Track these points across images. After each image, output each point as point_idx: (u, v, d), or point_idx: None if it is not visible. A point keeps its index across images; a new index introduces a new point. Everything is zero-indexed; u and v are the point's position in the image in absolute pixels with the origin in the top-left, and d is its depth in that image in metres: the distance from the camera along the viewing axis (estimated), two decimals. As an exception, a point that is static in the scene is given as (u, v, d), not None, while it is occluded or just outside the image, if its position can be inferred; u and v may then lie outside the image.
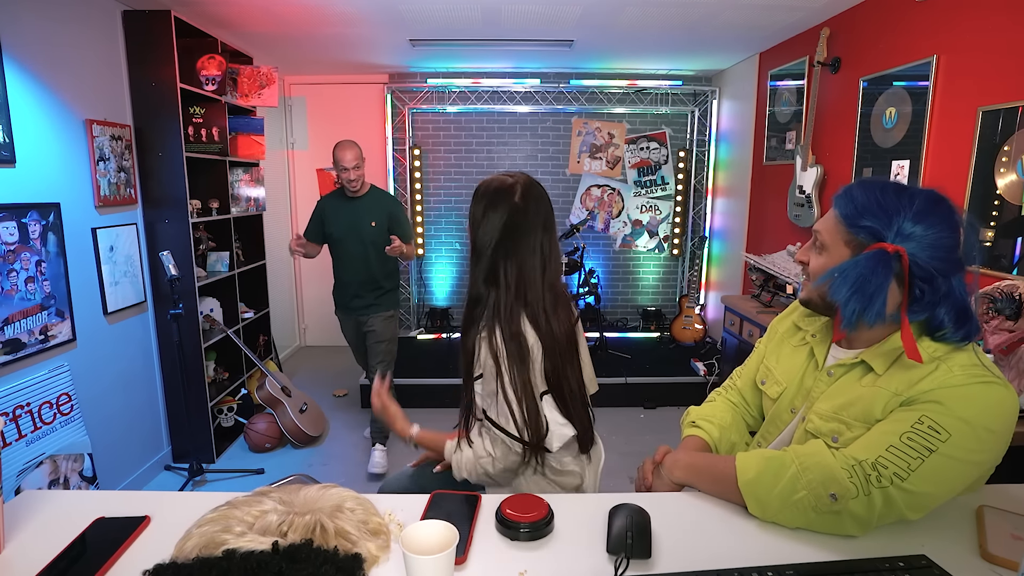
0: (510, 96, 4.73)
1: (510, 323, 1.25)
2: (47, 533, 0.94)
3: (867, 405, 0.94)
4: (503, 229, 1.26)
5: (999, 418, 0.85)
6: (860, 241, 0.94)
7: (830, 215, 1.00)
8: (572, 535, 0.93)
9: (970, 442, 0.84)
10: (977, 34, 2.15)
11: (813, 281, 1.02)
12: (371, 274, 3.01)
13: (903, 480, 0.83)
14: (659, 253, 5.06)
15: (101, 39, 2.62)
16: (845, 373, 1.01)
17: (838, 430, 0.97)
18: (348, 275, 3.04)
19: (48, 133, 2.30)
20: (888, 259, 0.90)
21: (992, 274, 2.04)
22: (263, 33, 3.41)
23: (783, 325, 1.23)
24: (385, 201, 3.04)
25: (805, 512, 0.88)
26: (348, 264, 3.03)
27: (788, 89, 3.54)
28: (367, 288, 3.03)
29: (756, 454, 0.97)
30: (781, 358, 1.17)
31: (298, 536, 0.84)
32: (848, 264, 0.93)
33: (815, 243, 1.03)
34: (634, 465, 1.15)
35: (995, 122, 2.04)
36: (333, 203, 3.02)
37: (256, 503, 0.91)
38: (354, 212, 2.96)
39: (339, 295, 3.13)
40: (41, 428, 2.15)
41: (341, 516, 0.89)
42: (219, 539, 0.83)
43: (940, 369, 0.89)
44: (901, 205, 0.91)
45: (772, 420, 1.15)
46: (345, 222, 2.97)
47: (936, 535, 0.92)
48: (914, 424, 0.86)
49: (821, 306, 1.05)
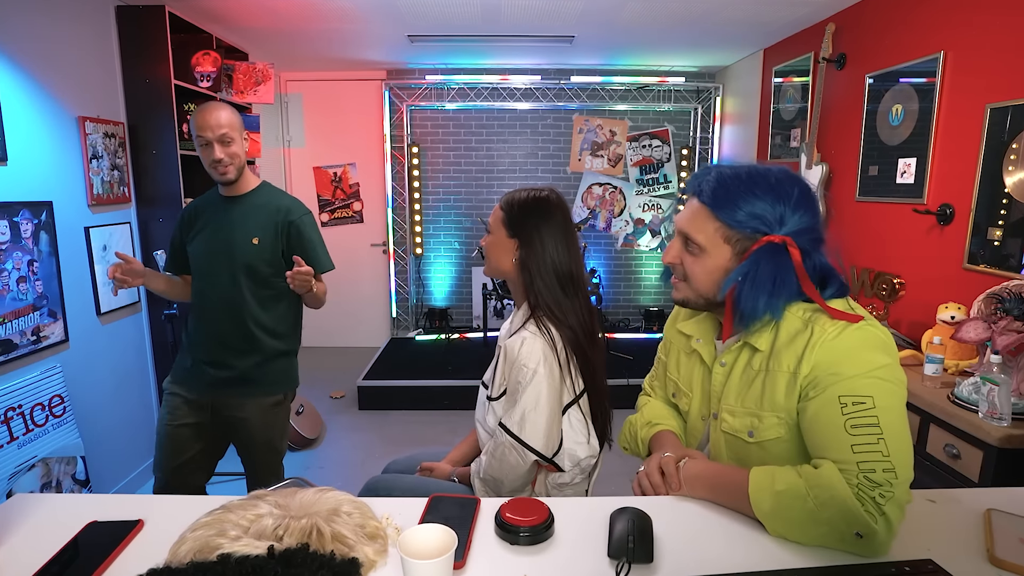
0: (510, 93, 4.73)
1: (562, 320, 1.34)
2: (39, 537, 0.94)
3: (770, 391, 0.96)
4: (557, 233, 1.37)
5: (880, 350, 0.91)
6: (742, 236, 0.97)
7: (698, 213, 1.00)
8: (573, 539, 0.93)
9: (882, 386, 0.88)
10: (985, 30, 2.15)
11: (700, 284, 1.02)
12: (242, 323, 1.83)
13: (895, 475, 0.84)
14: (661, 252, 5.05)
15: (94, 34, 2.62)
16: (735, 359, 1.03)
17: (751, 424, 0.99)
18: (204, 323, 1.86)
19: (40, 130, 2.30)
20: (782, 250, 0.94)
21: (1000, 274, 2.04)
22: (259, 28, 3.41)
23: (671, 332, 1.23)
24: (280, 207, 1.85)
25: (831, 543, 0.88)
26: (205, 304, 1.85)
27: (793, 86, 3.54)
28: (235, 348, 1.84)
29: (767, 481, 0.92)
30: (680, 367, 1.18)
31: (294, 540, 0.84)
32: (749, 266, 0.95)
33: (687, 245, 1.03)
34: (636, 468, 1.15)
35: (1003, 119, 2.04)
36: (199, 207, 1.90)
37: (251, 507, 0.91)
38: (225, 220, 1.82)
39: (183, 356, 1.91)
40: (33, 430, 2.15)
41: (338, 520, 0.89)
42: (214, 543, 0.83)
43: (815, 331, 0.93)
44: (779, 197, 0.95)
45: (690, 431, 1.16)
46: (208, 235, 1.83)
47: (943, 539, 0.92)
48: (842, 409, 0.88)
49: (701, 304, 1.06)
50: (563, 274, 1.36)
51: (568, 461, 1.35)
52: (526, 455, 1.29)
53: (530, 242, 1.35)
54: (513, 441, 1.29)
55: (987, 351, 1.75)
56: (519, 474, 1.32)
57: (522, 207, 1.38)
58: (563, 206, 1.40)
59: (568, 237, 1.38)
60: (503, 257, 1.40)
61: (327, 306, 2.11)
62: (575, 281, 1.38)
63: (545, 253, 1.35)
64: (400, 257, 5.02)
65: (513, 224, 1.38)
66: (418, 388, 3.81)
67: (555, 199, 1.40)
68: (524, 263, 1.36)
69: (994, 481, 1.58)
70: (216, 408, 1.87)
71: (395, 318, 5.06)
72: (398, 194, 4.90)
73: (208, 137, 1.71)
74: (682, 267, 1.04)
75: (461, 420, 1.72)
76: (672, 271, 1.08)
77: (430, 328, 4.95)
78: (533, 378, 1.28)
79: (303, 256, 1.76)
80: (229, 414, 1.87)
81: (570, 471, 1.35)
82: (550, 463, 1.33)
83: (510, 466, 1.30)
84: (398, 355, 4.43)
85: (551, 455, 1.31)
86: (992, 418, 1.61)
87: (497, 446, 1.32)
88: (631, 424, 1.25)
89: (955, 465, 1.72)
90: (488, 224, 1.44)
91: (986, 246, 2.12)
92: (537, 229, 1.36)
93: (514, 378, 1.31)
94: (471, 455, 1.58)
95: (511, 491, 1.35)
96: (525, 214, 1.37)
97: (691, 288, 1.04)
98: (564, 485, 1.38)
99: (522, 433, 1.28)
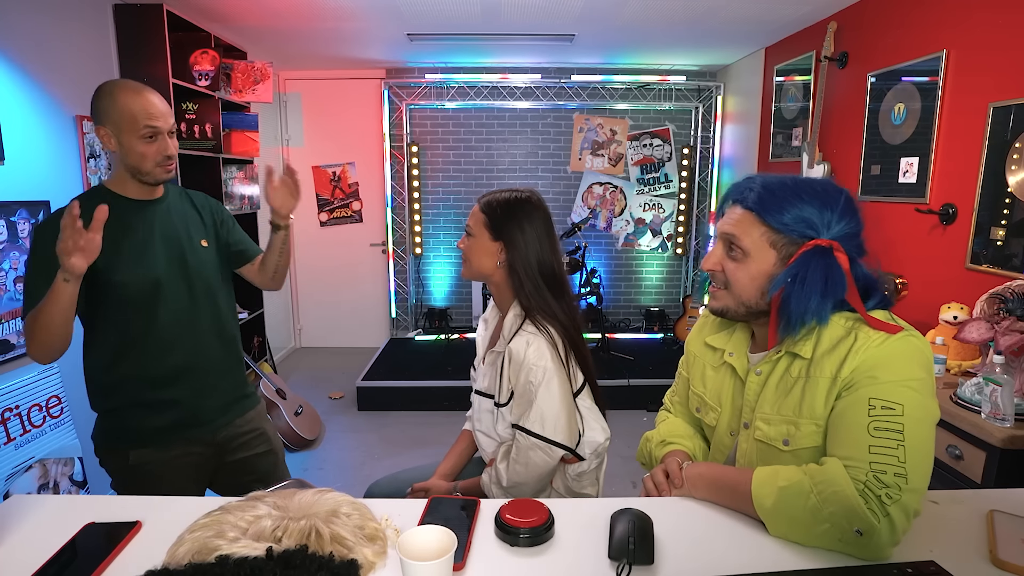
0: (510, 92, 4.73)
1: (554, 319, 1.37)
2: (36, 539, 0.94)
3: (809, 398, 0.96)
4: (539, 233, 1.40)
5: (920, 364, 0.91)
6: (788, 241, 0.97)
7: (743, 218, 1.00)
8: (573, 541, 0.93)
9: (916, 397, 0.88)
10: (988, 28, 2.15)
11: (742, 289, 1.01)
12: (223, 338, 1.59)
13: (906, 480, 0.84)
14: (662, 252, 5.06)
15: (91, 33, 2.62)
16: (772, 368, 1.02)
17: (787, 432, 0.98)
18: (175, 354, 1.49)
19: (37, 129, 2.30)
20: (830, 254, 0.94)
21: (1003, 274, 2.04)
22: (257, 27, 3.41)
23: (695, 346, 1.21)
24: (205, 204, 1.63)
25: (832, 542, 0.88)
26: (171, 331, 1.48)
27: (795, 85, 3.54)
28: (222, 367, 1.59)
29: (770, 478, 0.94)
30: (707, 382, 1.16)
31: (293, 542, 0.84)
32: (799, 267, 0.94)
33: (729, 250, 1.02)
34: (636, 470, 1.15)
35: (1006, 118, 2.04)
36: (110, 216, 1.30)
37: (250, 508, 0.91)
38: (165, 225, 1.49)
39: (142, 414, 1.47)
40: (30, 431, 2.15)
41: (337, 521, 0.89)
42: (212, 545, 0.83)
43: (859, 338, 0.93)
44: (826, 203, 0.96)
45: (716, 447, 1.15)
46: (157, 249, 1.46)
47: (945, 541, 0.92)
48: (869, 411, 0.88)
49: (742, 313, 1.04)
50: (548, 274, 1.39)
51: (588, 449, 1.38)
52: (553, 451, 1.31)
53: (515, 244, 1.37)
54: (536, 441, 1.30)
55: (990, 351, 1.75)
56: (545, 472, 1.33)
57: (505, 209, 1.39)
58: (543, 206, 1.43)
59: (551, 237, 1.41)
60: (485, 260, 1.41)
61: (326, 306, 2.10)
62: (559, 280, 1.41)
63: (530, 254, 1.37)
64: (399, 257, 5.02)
65: (496, 227, 1.39)
66: (417, 389, 3.82)
67: (536, 199, 1.42)
68: (511, 265, 1.38)
69: (997, 482, 1.58)
70: (217, 445, 1.56)
71: (394, 318, 5.06)
72: (397, 193, 4.90)
73: (160, 127, 1.40)
74: (723, 274, 1.03)
75: (461, 421, 1.72)
76: (711, 279, 1.07)
77: (430, 328, 4.95)
78: (545, 375, 1.30)
79: (242, 242, 1.65)
80: (235, 443, 1.59)
81: (588, 458, 1.38)
82: (574, 455, 1.36)
83: (536, 466, 1.31)
84: (397, 356, 4.43)
85: (575, 446, 1.35)
86: (995, 419, 1.61)
87: (519, 450, 1.32)
88: (647, 441, 1.24)
89: (958, 466, 1.72)
90: (468, 227, 1.44)
91: (989, 246, 2.12)
92: (522, 231, 1.37)
93: (524, 379, 1.31)
94: (462, 465, 1.59)
95: (534, 493, 1.36)
96: (508, 216, 1.38)
97: (732, 296, 1.03)
98: (582, 474, 1.40)
99: (545, 430, 1.30)
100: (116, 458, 1.48)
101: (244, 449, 1.61)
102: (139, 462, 1.46)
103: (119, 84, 1.41)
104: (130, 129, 1.38)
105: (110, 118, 1.38)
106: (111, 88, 1.40)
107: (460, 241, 1.46)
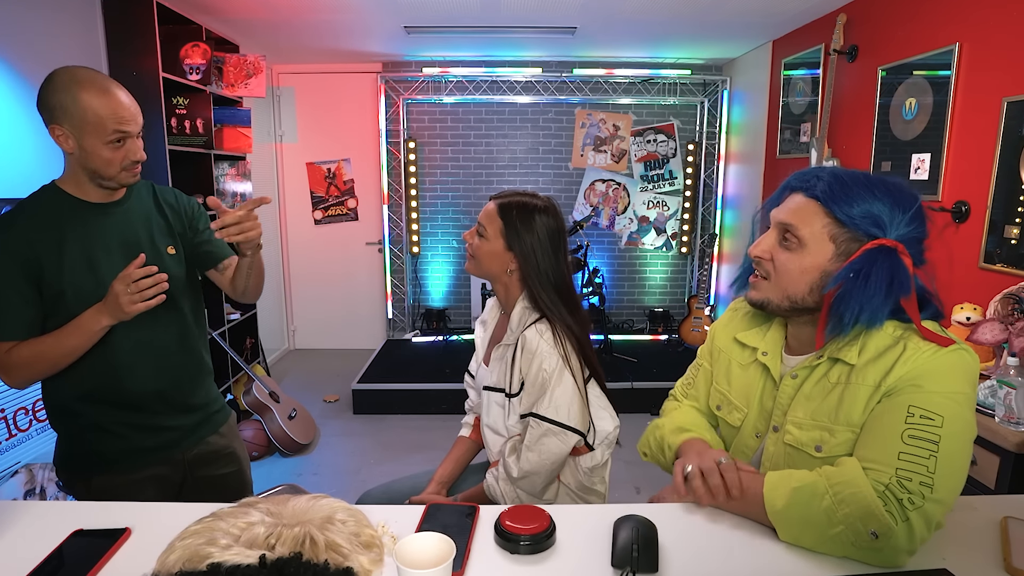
0: (510, 86, 4.73)
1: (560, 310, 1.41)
2: (22, 546, 0.94)
3: (848, 405, 0.94)
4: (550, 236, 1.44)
5: (968, 380, 0.90)
6: (850, 236, 0.95)
7: (806, 206, 0.97)
8: (575, 548, 0.93)
9: (959, 411, 0.87)
10: (1002, 21, 2.15)
11: (789, 281, 0.98)
12: (191, 353, 1.49)
13: (931, 490, 0.83)
14: (667, 251, 5.06)
15: (79, 26, 2.62)
16: (809, 373, 1.01)
17: (821, 438, 0.97)
18: (135, 378, 1.37)
19: (24, 125, 2.30)
20: (895, 255, 0.92)
21: (1018, 273, 2.04)
22: (250, 19, 3.41)
23: (722, 340, 1.19)
24: (163, 196, 1.48)
25: (844, 547, 0.87)
26: (130, 355, 1.36)
27: (803, 79, 3.54)
28: (189, 385, 1.49)
29: (784, 479, 0.93)
30: (732, 379, 1.14)
31: (287, 549, 0.84)
32: (863, 263, 0.92)
33: (783, 238, 0.99)
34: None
35: (1021, 113, 2.04)
36: (58, 226, 1.30)
37: (243, 514, 0.91)
38: (125, 231, 1.36)
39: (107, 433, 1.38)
40: (16, 436, 2.15)
41: (332, 528, 0.89)
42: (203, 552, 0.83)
43: (908, 348, 0.92)
44: (898, 203, 0.94)
45: (737, 448, 1.13)
46: (115, 258, 1.32)
47: (958, 548, 0.92)
48: (907, 419, 0.87)
49: (784, 307, 1.01)
50: (559, 284, 1.43)
51: (598, 438, 1.41)
52: (567, 437, 1.34)
53: (530, 258, 1.41)
54: (552, 426, 1.33)
55: (1004, 353, 1.75)
56: (559, 460, 1.36)
57: (523, 219, 1.41)
58: (560, 218, 1.47)
59: (563, 250, 1.46)
60: (495, 264, 1.44)
61: (320, 307, 2.10)
62: (569, 289, 1.46)
63: (542, 267, 1.41)
64: (396, 256, 5.02)
65: (512, 236, 1.41)
66: (415, 392, 3.82)
67: (552, 210, 1.46)
68: (524, 278, 1.42)
69: (1011, 488, 1.58)
70: (179, 464, 1.47)
71: (391, 319, 5.06)
72: (394, 191, 4.90)
73: (130, 131, 1.28)
74: (771, 263, 1.00)
75: (460, 425, 1.73)
76: (756, 267, 1.04)
77: (427, 329, 4.95)
78: (559, 362, 1.34)
79: (210, 242, 1.49)
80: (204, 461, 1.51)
81: (599, 448, 1.41)
82: (586, 443, 1.39)
83: (550, 452, 1.34)
84: (394, 357, 4.43)
85: (587, 433, 1.39)
86: (1009, 423, 1.61)
87: (533, 437, 1.34)
88: (657, 428, 1.20)
89: (970, 471, 1.71)
90: (481, 225, 1.45)
91: (1003, 245, 2.12)
92: (540, 244, 1.42)
93: (537, 367, 1.34)
94: (459, 470, 1.61)
95: (545, 484, 1.39)
96: (527, 227, 1.41)
97: (776, 287, 1.00)
98: (594, 468, 1.42)
99: (559, 415, 1.33)
100: (79, 486, 1.39)
101: (213, 467, 1.53)
102: (103, 487, 1.37)
103: (79, 80, 1.26)
104: (95, 133, 1.25)
105: (70, 118, 1.24)
106: (68, 83, 1.25)
107: (469, 234, 1.48)
